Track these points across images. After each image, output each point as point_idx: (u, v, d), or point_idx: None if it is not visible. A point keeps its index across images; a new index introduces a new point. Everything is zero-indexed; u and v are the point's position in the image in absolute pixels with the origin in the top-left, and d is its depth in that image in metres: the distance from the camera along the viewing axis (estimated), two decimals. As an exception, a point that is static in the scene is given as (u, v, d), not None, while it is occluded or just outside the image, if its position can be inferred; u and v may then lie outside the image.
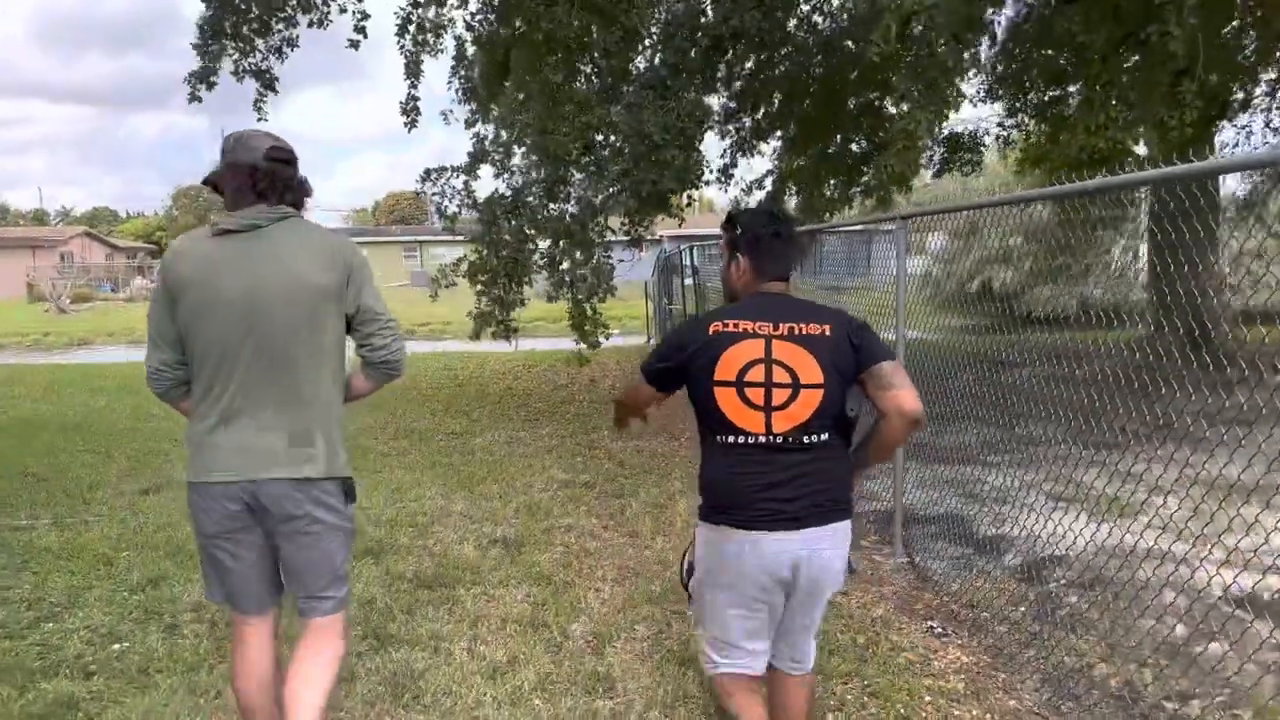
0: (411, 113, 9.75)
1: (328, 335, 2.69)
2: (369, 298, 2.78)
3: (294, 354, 2.63)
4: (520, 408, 10.80)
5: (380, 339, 2.80)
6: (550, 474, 7.42)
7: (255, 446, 2.61)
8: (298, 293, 2.63)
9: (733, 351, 2.49)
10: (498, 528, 5.92)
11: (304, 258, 2.65)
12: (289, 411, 2.65)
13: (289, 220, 2.71)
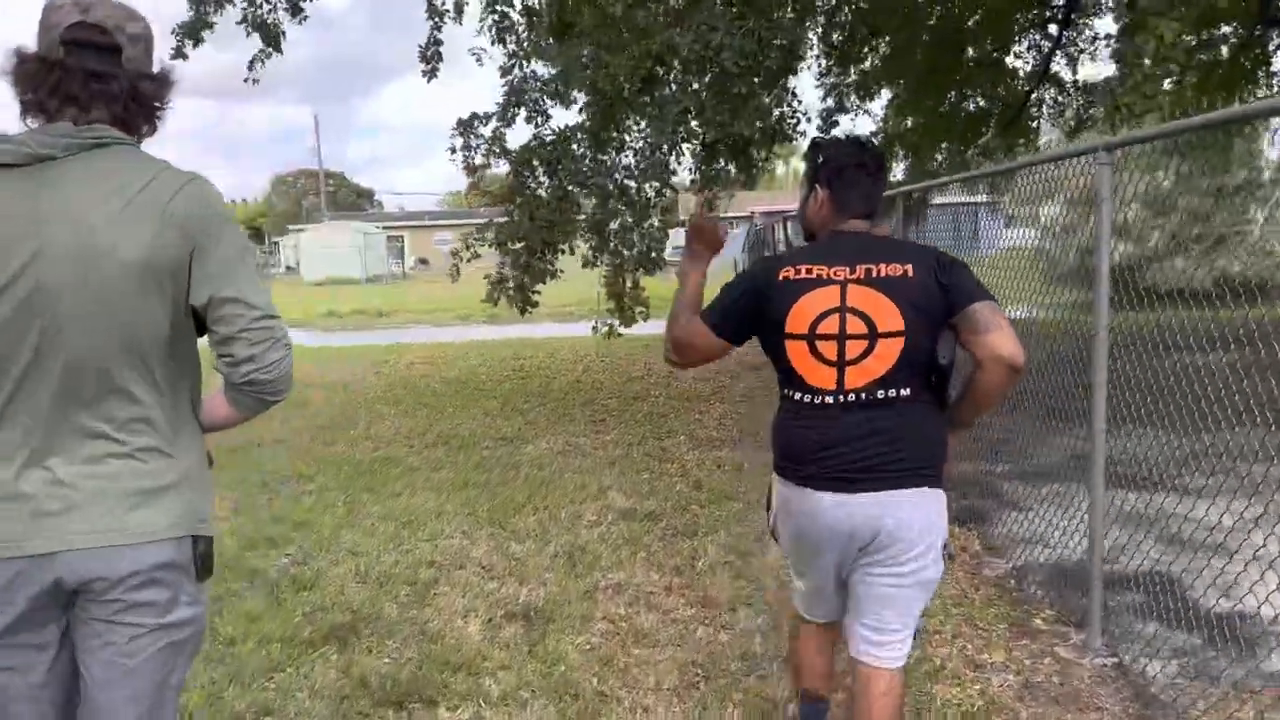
0: (433, 59, 8.27)
1: (156, 338, 1.75)
2: (227, 281, 1.76)
3: (103, 367, 1.72)
4: (586, 405, 9.28)
5: (243, 347, 1.76)
6: (607, 499, 5.86)
7: (47, 505, 1.69)
8: (98, 271, 1.67)
9: (805, 301, 2.31)
10: (523, 588, 4.39)
11: (112, 213, 1.68)
12: (102, 453, 1.74)
13: (107, 150, 1.73)
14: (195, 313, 1.77)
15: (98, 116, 1.73)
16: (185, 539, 1.78)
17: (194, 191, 1.74)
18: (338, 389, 10.86)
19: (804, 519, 2.41)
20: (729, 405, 9.03)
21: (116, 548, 1.69)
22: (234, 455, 7.29)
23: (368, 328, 21.44)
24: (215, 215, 1.76)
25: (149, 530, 1.72)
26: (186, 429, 1.83)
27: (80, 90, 1.71)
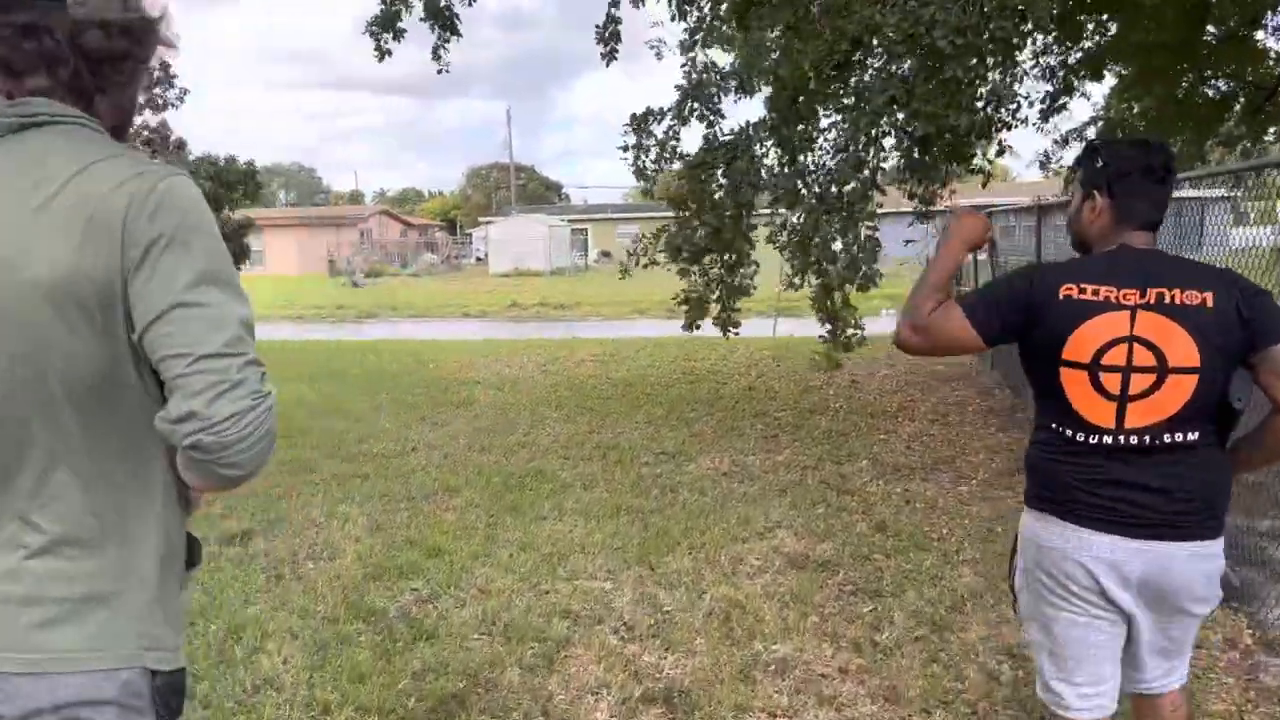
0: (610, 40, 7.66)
1: (88, 386, 1.24)
2: (165, 311, 1.20)
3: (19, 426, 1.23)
4: (758, 417, 8.49)
5: (179, 400, 1.20)
6: (775, 539, 5.09)
7: None
8: (5, 294, 1.20)
9: (1090, 326, 2.08)
10: (668, 656, 3.70)
11: (25, 213, 1.21)
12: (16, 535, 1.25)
13: (40, 131, 1.26)
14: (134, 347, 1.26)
15: (38, 86, 1.28)
16: (130, 670, 1.27)
17: (140, 188, 1.22)
18: (505, 387, 10.55)
19: (1074, 558, 2.17)
20: (920, 424, 8.03)
21: (23, 675, 1.22)
22: (386, 462, 6.97)
23: (547, 319, 21.41)
24: (165, 221, 1.22)
25: (71, 654, 1.24)
26: (141, 515, 1.31)
27: (10, 52, 1.27)
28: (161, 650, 1.31)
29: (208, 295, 1.22)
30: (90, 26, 1.29)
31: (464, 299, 29.30)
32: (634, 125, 7.33)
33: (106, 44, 1.31)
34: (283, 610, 4.14)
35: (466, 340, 16.32)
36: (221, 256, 1.27)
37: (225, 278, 1.25)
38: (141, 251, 1.21)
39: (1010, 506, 5.51)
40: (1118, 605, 2.17)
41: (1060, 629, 2.24)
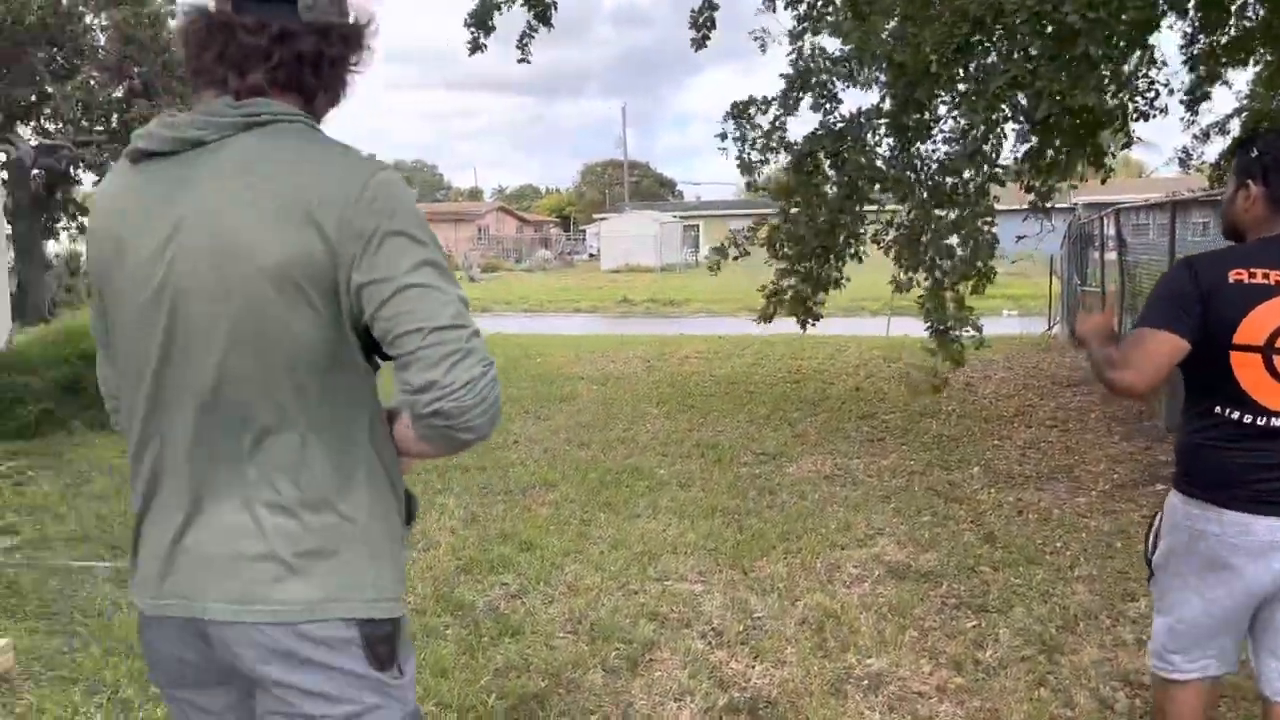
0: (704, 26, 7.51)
1: (311, 364, 1.34)
2: (394, 293, 1.29)
3: (242, 398, 1.34)
4: (864, 420, 8.23)
5: (419, 371, 1.28)
6: (876, 546, 4.89)
7: (191, 553, 1.38)
8: (235, 280, 1.31)
9: (1262, 310, 2.13)
10: (756, 665, 3.56)
11: (255, 209, 1.31)
12: (238, 495, 1.36)
13: (265, 130, 1.36)
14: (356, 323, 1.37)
15: (265, 84, 1.38)
16: (353, 619, 1.38)
17: (355, 183, 1.32)
18: (609, 382, 10.54)
19: (1228, 543, 2.23)
20: (1037, 431, 7.64)
21: (257, 625, 1.35)
22: (486, 454, 7.01)
23: (656, 315, 21.41)
24: (381, 213, 1.32)
25: (302, 605, 1.36)
26: (355, 478, 1.41)
27: (244, 53, 1.37)
28: (383, 600, 1.41)
29: (429, 276, 1.31)
30: (316, 30, 1.39)
31: (575, 294, 29.57)
32: (733, 114, 7.16)
33: (328, 47, 1.40)
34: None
35: (574, 335, 16.42)
36: (434, 242, 1.35)
37: (440, 261, 1.34)
38: (363, 243, 1.30)
39: (1134, 520, 5.16)
40: (1259, 593, 2.25)
41: (1192, 613, 2.33)
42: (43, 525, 5.30)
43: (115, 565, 4.61)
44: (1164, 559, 2.41)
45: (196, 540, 1.39)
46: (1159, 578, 2.45)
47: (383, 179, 1.34)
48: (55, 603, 4.17)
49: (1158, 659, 2.46)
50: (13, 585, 4.38)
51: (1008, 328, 15.42)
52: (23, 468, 6.70)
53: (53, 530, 5.21)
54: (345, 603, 1.38)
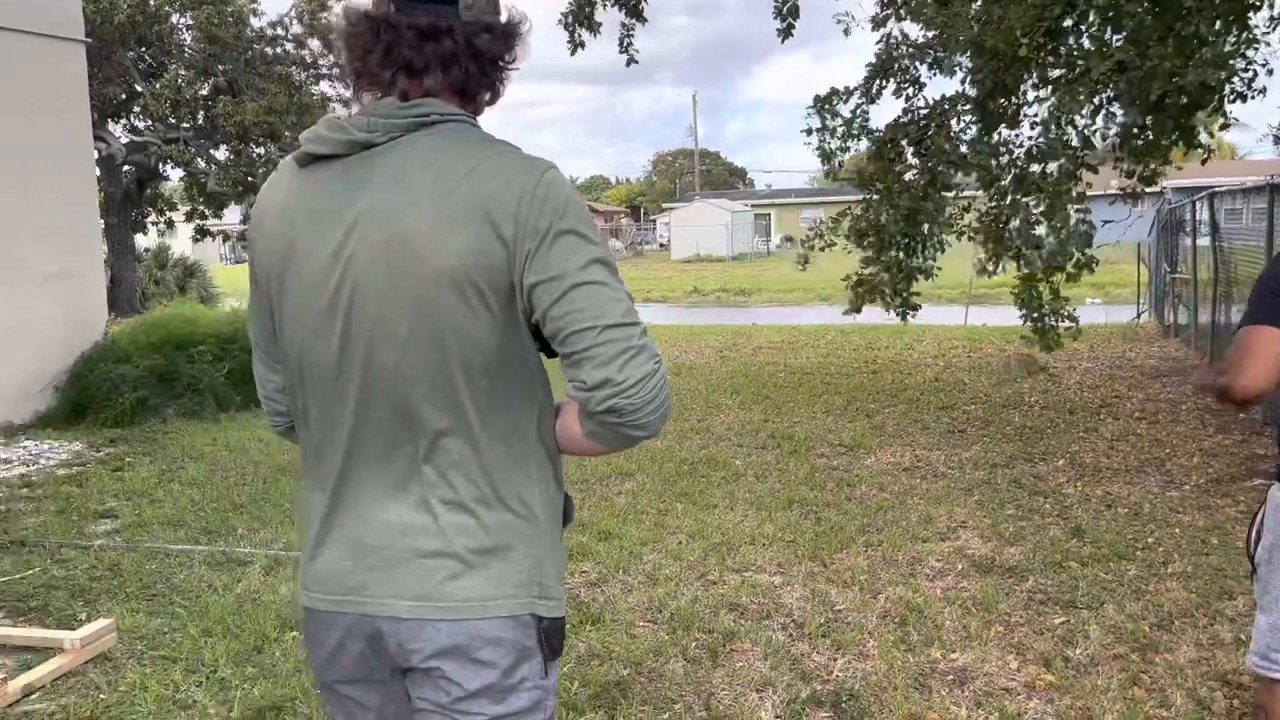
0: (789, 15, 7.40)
1: (483, 361, 1.36)
2: (566, 291, 1.30)
3: (415, 394, 1.36)
4: (944, 410, 8.09)
5: (593, 369, 1.29)
6: (959, 540, 4.81)
7: (366, 551, 1.41)
8: (411, 280, 1.33)
9: None
10: (838, 657, 3.53)
11: (429, 210, 1.32)
12: (415, 493, 1.39)
13: (433, 130, 1.37)
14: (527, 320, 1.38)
15: (430, 85, 1.39)
16: (523, 615, 1.40)
17: (527, 183, 1.33)
18: (682, 372, 10.52)
19: None
20: (1125, 423, 7.43)
21: (432, 622, 1.37)
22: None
23: (728, 305, 21.32)
24: (553, 212, 1.32)
25: (476, 602, 1.38)
26: (529, 474, 1.42)
27: (412, 53, 1.37)
28: (548, 599, 1.42)
29: (600, 274, 1.31)
30: (481, 29, 1.39)
31: (646, 284, 29.58)
32: (818, 107, 7.08)
33: (491, 46, 1.40)
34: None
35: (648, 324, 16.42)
36: (601, 241, 1.36)
37: (608, 259, 1.34)
38: (536, 241, 1.30)
39: (1230, 516, 5.00)
40: None
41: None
42: (141, 509, 5.50)
43: (210, 549, 4.76)
44: (1268, 554, 2.34)
45: (373, 538, 1.40)
46: (1262, 574, 2.38)
47: (552, 177, 1.34)
48: (155, 584, 4.33)
49: (1261, 658, 2.38)
50: (115, 567, 4.55)
51: (1092, 316, 14.99)
52: (120, 454, 6.96)
53: (150, 514, 5.40)
54: (519, 599, 1.39)
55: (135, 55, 18.41)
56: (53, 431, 7.76)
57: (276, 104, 17.50)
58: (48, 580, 4.41)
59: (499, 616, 1.37)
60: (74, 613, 4.05)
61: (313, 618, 1.48)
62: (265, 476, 6.18)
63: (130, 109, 19.21)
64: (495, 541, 1.38)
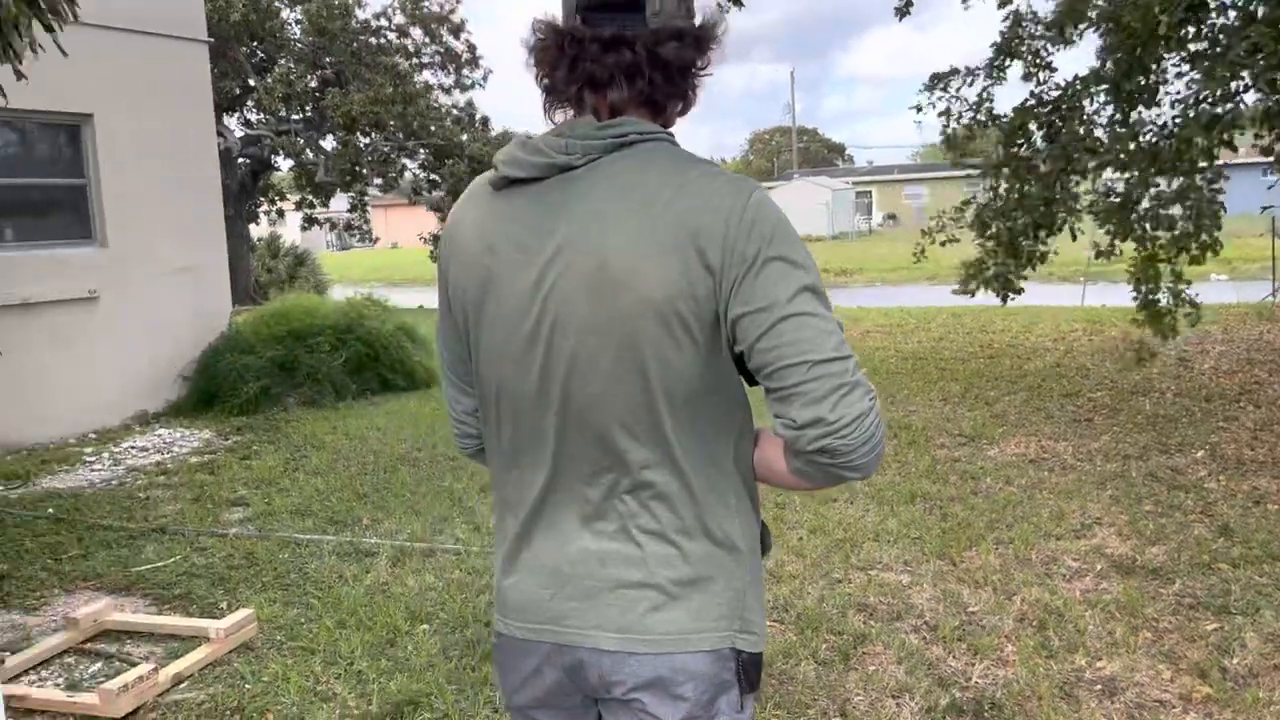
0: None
1: (686, 391, 1.30)
2: (775, 323, 1.22)
3: (615, 424, 1.32)
4: (1068, 398, 7.78)
5: (802, 407, 1.21)
6: (1095, 538, 4.61)
7: (565, 580, 1.38)
8: (615, 309, 1.28)
9: None
10: (975, 663, 3.42)
11: (634, 237, 1.27)
12: (615, 523, 1.35)
13: (633, 151, 1.32)
14: (732, 351, 1.32)
15: (617, 100, 1.32)
16: (724, 650, 1.35)
17: (734, 207, 1.26)
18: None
19: None
20: (1268, 411, 7.02)
21: (636, 655, 1.34)
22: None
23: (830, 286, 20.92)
24: (761, 237, 1.25)
25: (673, 635, 1.34)
26: (728, 504, 1.37)
27: (595, 67, 1.31)
28: (749, 634, 1.37)
29: (810, 305, 1.24)
30: (668, 36, 1.31)
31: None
32: (931, 85, 6.84)
33: (681, 53, 1.32)
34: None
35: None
36: (812, 266, 1.28)
37: (819, 286, 1.27)
38: (744, 269, 1.24)
39: (1394, 516, 4.66)
40: None
41: None
42: (270, 498, 5.67)
43: (338, 539, 4.88)
44: None
45: (572, 567, 1.38)
46: None
47: (759, 199, 1.27)
48: (289, 574, 4.46)
49: None
50: (250, 555, 4.70)
51: (1219, 295, 14.24)
52: (247, 442, 7.21)
53: (279, 503, 5.57)
54: (720, 633, 1.35)
55: (248, 51, 19.01)
56: (183, 420, 8.09)
57: (382, 94, 17.85)
58: (189, 568, 4.58)
59: (700, 650, 1.33)
60: (215, 601, 4.20)
61: (508, 644, 1.46)
62: (386, 466, 6.31)
63: (244, 103, 19.86)
64: (697, 572, 1.34)
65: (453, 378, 1.55)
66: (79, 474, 6.52)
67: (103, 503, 5.75)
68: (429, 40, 20.54)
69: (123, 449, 7.17)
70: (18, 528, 5.26)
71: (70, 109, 7.62)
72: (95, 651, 3.76)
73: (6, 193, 7.58)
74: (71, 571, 4.60)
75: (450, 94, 20.76)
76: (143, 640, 3.85)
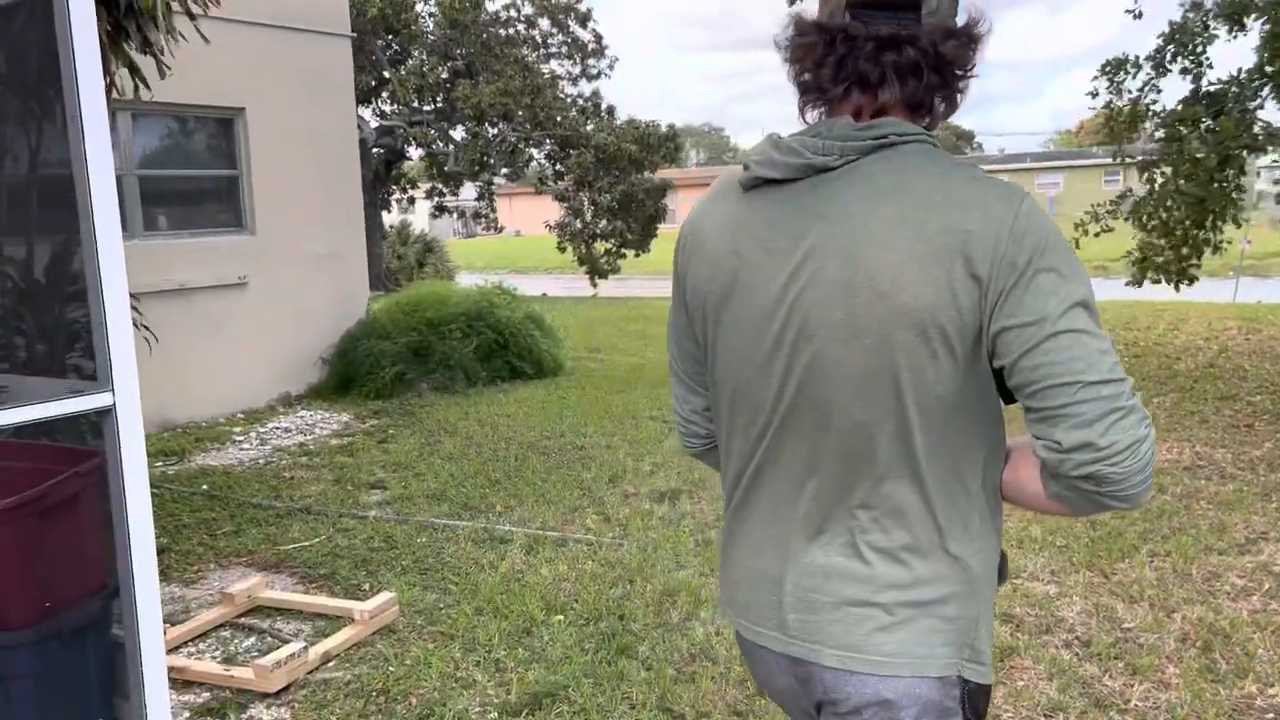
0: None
1: (940, 406, 1.25)
2: (1042, 339, 1.16)
3: (862, 438, 1.28)
4: (1224, 401, 7.33)
5: (1069, 430, 1.15)
6: (1261, 553, 4.32)
7: (789, 590, 1.36)
8: (871, 319, 1.23)
9: None
10: (1135, 684, 3.24)
11: (894, 244, 1.22)
12: (844, 537, 1.32)
13: (893, 153, 1.27)
14: (992, 366, 1.26)
15: (887, 100, 1.28)
16: (950, 676, 1.30)
17: (1005, 214, 1.20)
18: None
19: None
20: None
21: (857, 674, 1.31)
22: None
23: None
24: (1033, 247, 1.19)
25: (898, 657, 1.29)
26: (969, 525, 1.32)
27: (868, 65, 1.26)
28: (978, 664, 1.32)
29: (1083, 321, 1.18)
30: (945, 35, 1.27)
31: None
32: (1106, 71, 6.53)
33: (960, 52, 1.28)
34: (712, 577, 4.22)
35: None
36: (1085, 280, 1.21)
37: (1091, 301, 1.20)
38: (1013, 280, 1.18)
39: None
40: None
41: None
42: (407, 483, 5.83)
43: (473, 525, 4.98)
44: None
45: (797, 578, 1.35)
46: None
47: (1029, 208, 1.21)
48: (427, 558, 4.56)
49: None
50: (389, 538, 4.84)
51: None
52: (384, 426, 7.43)
53: (415, 487, 5.71)
54: (948, 660, 1.30)
55: (384, 44, 19.59)
56: (323, 403, 8.40)
57: (511, 86, 18.15)
58: (333, 549, 4.74)
59: (927, 676, 1.28)
60: (358, 582, 4.33)
61: (741, 640, 1.49)
62: (516, 454, 6.41)
63: (379, 94, 20.48)
64: (927, 595, 1.29)
65: (681, 375, 1.54)
66: (229, 452, 6.85)
67: (251, 481, 6.02)
68: (556, 30, 20.79)
69: (268, 429, 7.50)
70: (175, 503, 5.54)
71: (226, 103, 7.98)
72: (249, 626, 3.93)
73: (167, 183, 8.00)
74: (225, 547, 4.82)
75: (577, 84, 21.00)
76: (292, 617, 4.00)
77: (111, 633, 2.42)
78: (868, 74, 1.26)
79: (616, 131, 18.76)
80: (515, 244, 41.35)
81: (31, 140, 2.31)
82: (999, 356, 1.20)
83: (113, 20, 4.41)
